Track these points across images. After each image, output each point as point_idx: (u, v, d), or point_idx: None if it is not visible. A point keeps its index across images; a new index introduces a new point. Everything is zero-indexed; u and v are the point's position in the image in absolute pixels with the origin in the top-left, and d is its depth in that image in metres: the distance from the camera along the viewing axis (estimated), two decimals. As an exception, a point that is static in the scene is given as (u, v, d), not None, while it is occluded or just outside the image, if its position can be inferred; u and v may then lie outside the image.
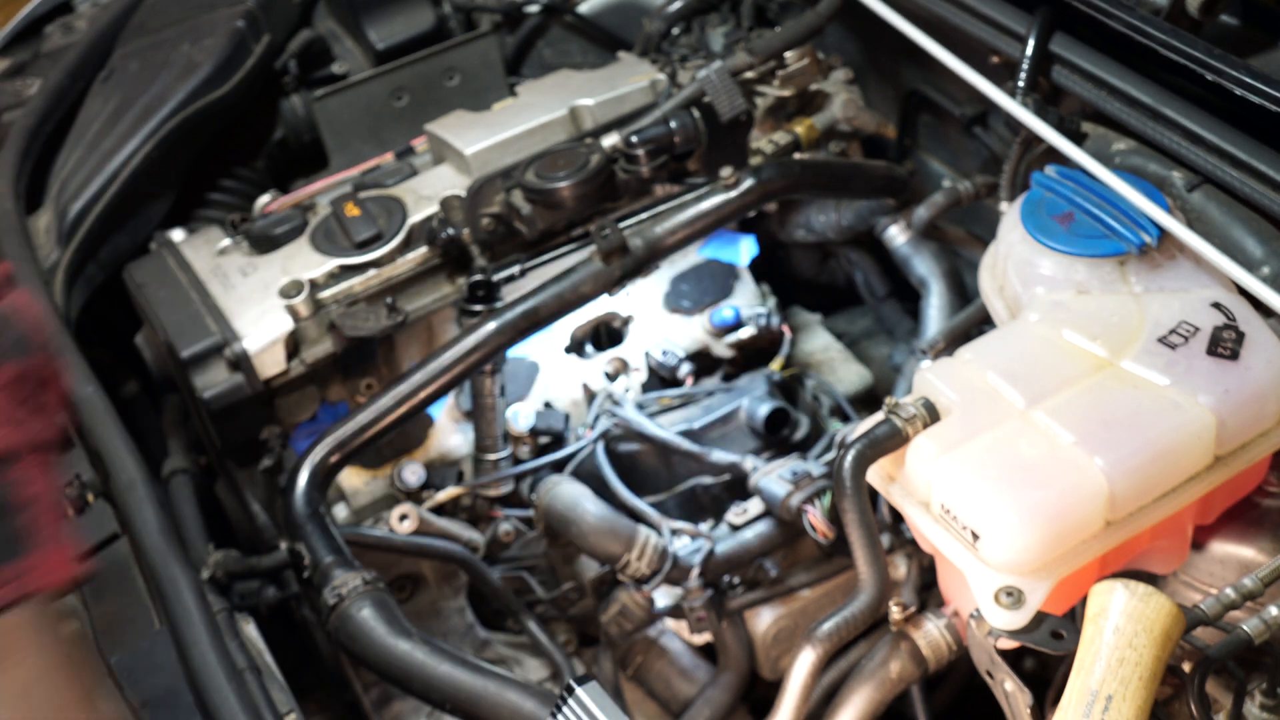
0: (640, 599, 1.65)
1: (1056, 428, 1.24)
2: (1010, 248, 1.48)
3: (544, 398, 1.89)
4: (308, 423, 1.84)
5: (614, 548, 1.58)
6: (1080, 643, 1.09)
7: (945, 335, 1.74)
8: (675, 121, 1.81)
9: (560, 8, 2.41)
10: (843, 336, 2.14)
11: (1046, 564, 1.20)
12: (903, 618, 1.39)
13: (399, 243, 1.78)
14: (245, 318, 1.73)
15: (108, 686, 1.17)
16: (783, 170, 1.73)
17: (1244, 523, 1.33)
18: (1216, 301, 1.34)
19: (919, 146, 2.10)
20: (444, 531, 1.68)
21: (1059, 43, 1.60)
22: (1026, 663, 1.51)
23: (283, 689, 1.46)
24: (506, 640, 1.77)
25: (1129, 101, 1.52)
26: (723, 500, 1.75)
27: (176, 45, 2.16)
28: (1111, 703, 1.03)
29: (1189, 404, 1.24)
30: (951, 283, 1.89)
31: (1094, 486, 1.20)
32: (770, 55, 1.96)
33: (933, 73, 1.97)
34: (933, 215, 1.87)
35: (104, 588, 1.52)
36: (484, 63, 2.23)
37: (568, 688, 1.22)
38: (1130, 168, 1.53)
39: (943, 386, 1.31)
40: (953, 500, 1.24)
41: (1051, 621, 1.18)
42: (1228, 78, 1.39)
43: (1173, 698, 1.24)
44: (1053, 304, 1.39)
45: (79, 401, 1.69)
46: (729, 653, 1.67)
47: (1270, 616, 1.12)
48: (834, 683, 1.53)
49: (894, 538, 1.56)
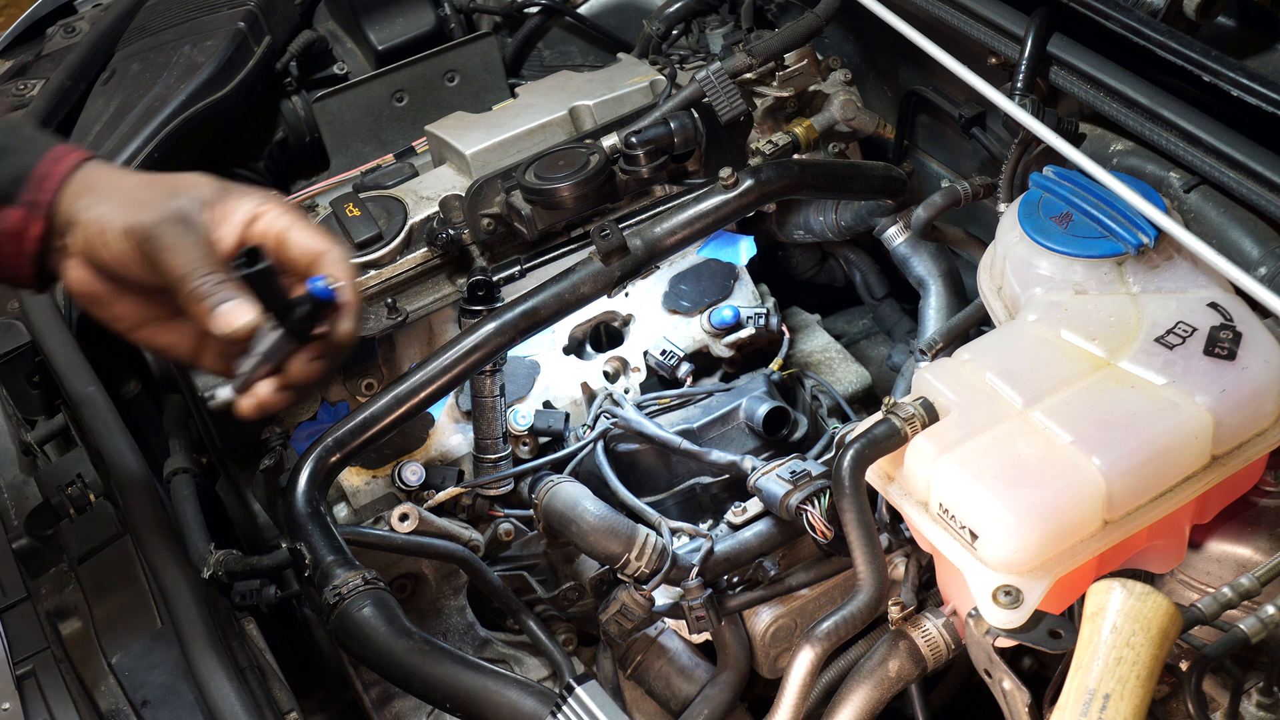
0: (640, 598, 1.65)
1: (1054, 428, 1.25)
2: (1008, 248, 1.48)
3: (544, 398, 1.89)
4: (308, 423, 1.84)
5: (614, 547, 1.58)
6: (1078, 642, 1.09)
7: (944, 335, 1.74)
8: (675, 122, 1.81)
9: (560, 9, 2.42)
10: (841, 337, 2.14)
11: (1044, 563, 1.20)
12: (901, 617, 1.39)
13: (399, 243, 1.79)
14: (246, 318, 1.73)
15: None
16: (781, 171, 1.73)
17: (1241, 522, 1.33)
18: (1214, 302, 1.34)
19: (917, 147, 2.10)
20: (444, 531, 1.68)
21: (1057, 44, 1.60)
22: (1024, 661, 1.51)
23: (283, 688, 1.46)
24: (506, 640, 1.77)
25: (1126, 102, 1.52)
26: (722, 500, 1.75)
27: (178, 46, 2.16)
28: (1109, 701, 1.04)
29: (1186, 404, 1.25)
30: (950, 283, 1.90)
31: (1091, 486, 1.20)
32: (769, 56, 1.96)
33: (931, 74, 1.97)
34: (931, 216, 1.88)
35: (105, 587, 1.53)
36: (484, 64, 2.23)
37: (567, 687, 1.22)
38: (1128, 168, 1.53)
39: (941, 386, 1.32)
40: (951, 500, 1.24)
41: (1049, 620, 1.18)
42: (1225, 79, 1.39)
43: (1170, 696, 1.24)
44: (1050, 304, 1.39)
45: (80, 401, 1.70)
46: (728, 652, 1.67)
47: (1267, 615, 1.12)
48: (833, 681, 1.53)
49: (892, 537, 1.56)
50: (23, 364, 1.84)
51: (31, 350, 1.83)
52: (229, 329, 1.07)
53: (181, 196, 1.11)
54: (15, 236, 1.14)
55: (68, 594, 1.53)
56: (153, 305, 1.16)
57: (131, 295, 1.16)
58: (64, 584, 1.54)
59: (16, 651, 1.42)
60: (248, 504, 1.87)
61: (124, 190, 1.12)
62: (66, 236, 1.14)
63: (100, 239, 1.11)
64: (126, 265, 1.11)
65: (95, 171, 1.15)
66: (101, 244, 1.11)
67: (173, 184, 1.13)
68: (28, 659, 1.42)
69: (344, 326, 1.14)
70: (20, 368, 1.84)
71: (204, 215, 1.11)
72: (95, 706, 1.39)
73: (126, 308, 1.17)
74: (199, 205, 1.11)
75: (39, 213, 1.13)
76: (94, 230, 1.11)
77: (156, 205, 1.09)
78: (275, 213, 1.13)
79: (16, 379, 1.85)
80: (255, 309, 1.09)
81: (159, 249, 1.08)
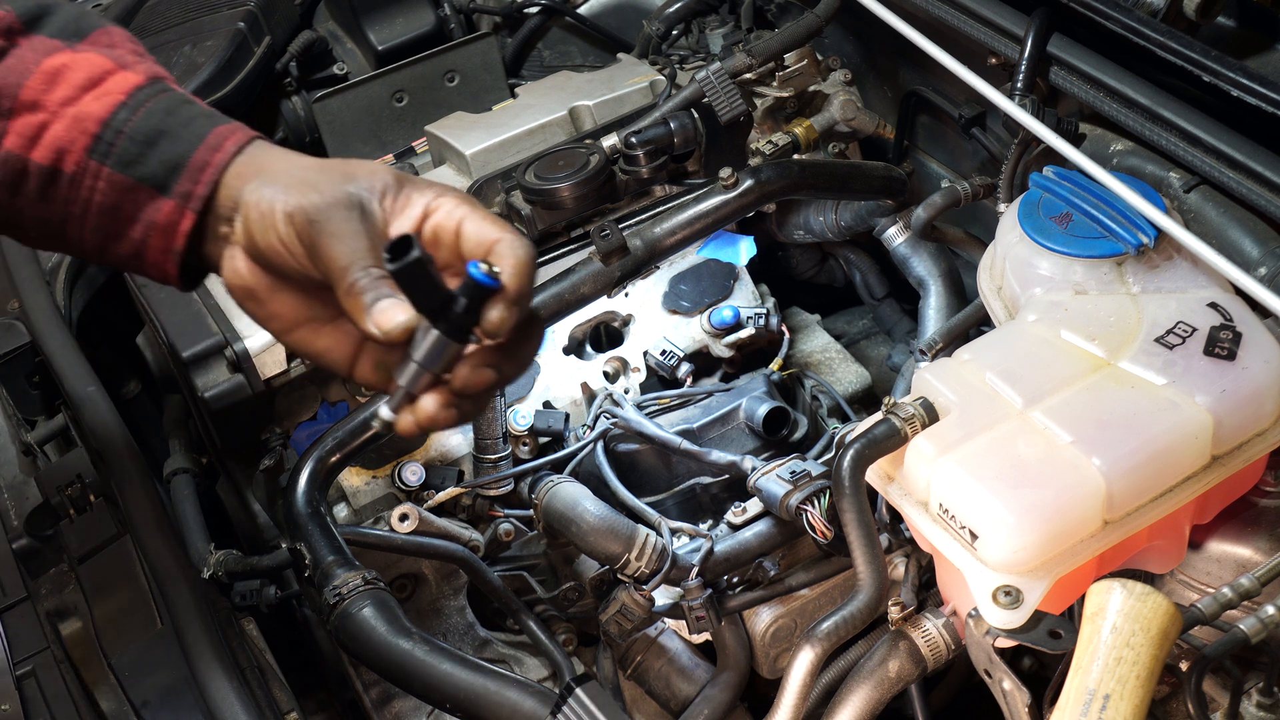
0: (640, 598, 1.65)
1: (1054, 428, 1.25)
2: (1008, 248, 1.48)
3: (544, 398, 1.89)
4: (308, 423, 1.84)
5: (613, 547, 1.58)
6: (1078, 642, 1.09)
7: (944, 335, 1.74)
8: (675, 122, 1.81)
9: (560, 9, 2.42)
10: (841, 337, 2.14)
11: (1044, 563, 1.20)
12: (901, 617, 1.39)
13: (399, 243, 1.79)
14: (246, 318, 1.73)
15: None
16: (781, 171, 1.73)
17: (1241, 522, 1.33)
18: (1213, 302, 1.34)
19: (917, 147, 2.10)
20: (444, 531, 1.68)
21: (1057, 44, 1.60)
22: (1024, 662, 1.51)
23: (283, 688, 1.46)
24: (506, 640, 1.77)
25: (1126, 103, 1.52)
26: (722, 500, 1.75)
27: (178, 47, 2.17)
28: (1109, 702, 1.04)
29: (1186, 404, 1.25)
30: (950, 283, 1.90)
31: (1092, 486, 1.20)
32: (769, 56, 1.96)
33: (931, 74, 1.97)
34: (931, 216, 1.88)
35: (105, 588, 1.53)
36: (484, 64, 2.23)
37: (567, 687, 1.22)
38: (1128, 168, 1.53)
39: (941, 387, 1.32)
40: (951, 500, 1.24)
41: (1049, 621, 1.18)
42: (1225, 79, 1.39)
43: (1170, 697, 1.24)
44: (1050, 304, 1.39)
45: (80, 401, 1.70)
46: (728, 652, 1.67)
47: (1267, 615, 1.12)
48: (833, 682, 1.53)
49: (892, 537, 1.56)
50: (23, 364, 1.84)
51: (31, 350, 1.83)
52: (383, 328, 0.95)
53: (357, 183, 1.00)
54: (165, 231, 1.06)
55: (68, 594, 1.53)
56: (312, 304, 1.06)
57: (290, 291, 1.06)
58: (64, 584, 1.54)
59: (16, 652, 1.42)
60: (248, 504, 1.87)
61: (294, 172, 1.02)
62: (231, 223, 1.05)
63: (262, 223, 1.00)
64: (287, 254, 1.00)
65: (264, 153, 1.06)
66: (263, 229, 1.00)
67: (348, 169, 1.02)
68: (28, 659, 1.42)
69: (493, 314, 0.95)
70: (20, 368, 1.84)
71: (379, 205, 1.01)
72: (95, 707, 1.39)
73: (284, 305, 1.07)
74: (375, 194, 1.01)
75: (193, 206, 1.05)
76: (257, 214, 1.01)
77: (327, 189, 0.99)
78: (451, 204, 1.01)
79: (16, 379, 1.85)
80: (412, 310, 0.96)
81: (323, 235, 0.97)
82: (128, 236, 1.08)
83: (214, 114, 1.09)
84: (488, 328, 0.96)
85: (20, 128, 1.06)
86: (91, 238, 1.09)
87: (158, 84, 1.09)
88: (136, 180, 1.05)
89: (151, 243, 1.07)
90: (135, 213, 1.07)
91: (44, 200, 1.08)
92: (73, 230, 1.09)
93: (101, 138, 1.05)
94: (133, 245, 1.08)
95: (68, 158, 1.06)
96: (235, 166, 1.05)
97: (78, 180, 1.06)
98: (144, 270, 1.11)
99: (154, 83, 1.09)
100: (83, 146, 1.05)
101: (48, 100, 1.06)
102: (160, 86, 1.09)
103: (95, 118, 1.06)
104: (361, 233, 0.98)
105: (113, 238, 1.08)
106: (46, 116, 1.06)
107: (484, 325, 0.96)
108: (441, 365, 0.97)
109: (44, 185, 1.07)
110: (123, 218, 1.07)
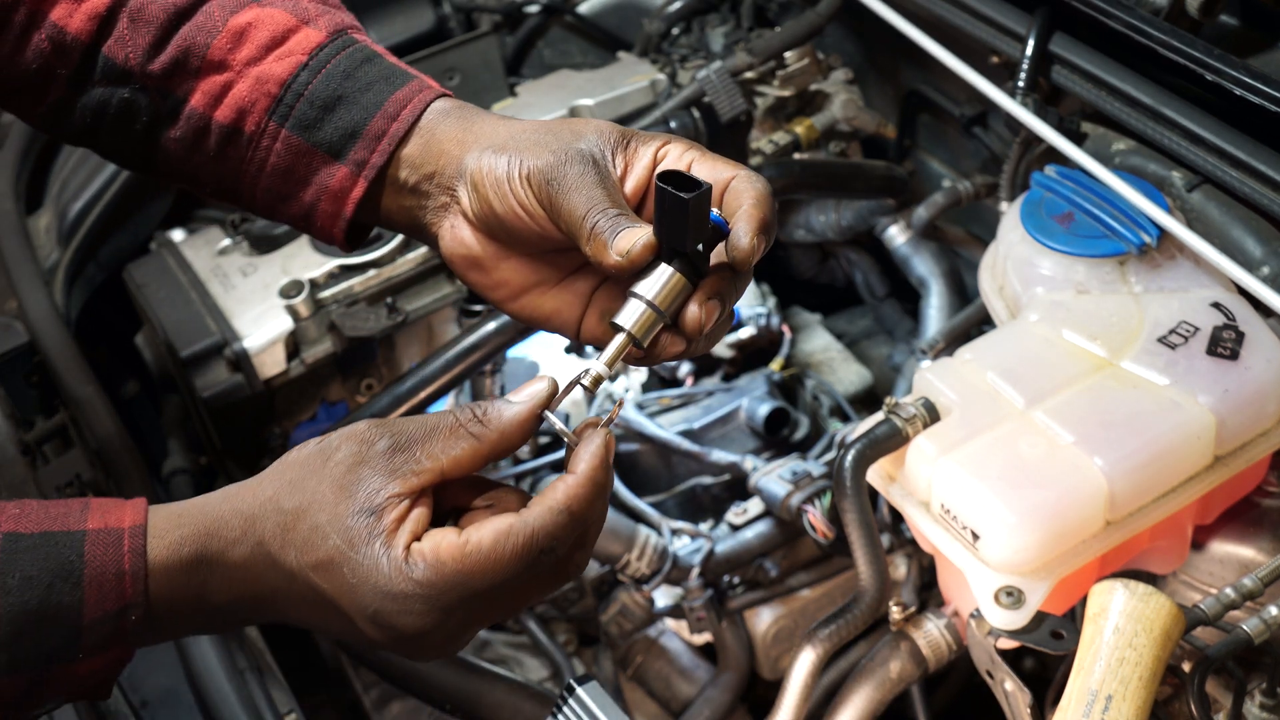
0: (640, 599, 1.65)
1: (1056, 428, 1.24)
2: (1010, 248, 1.48)
3: (544, 398, 1.89)
4: (307, 422, 1.84)
5: (614, 548, 1.58)
6: (1080, 642, 1.09)
7: (945, 335, 1.74)
8: (675, 122, 1.80)
9: (560, 8, 2.41)
10: (842, 336, 2.14)
11: (1046, 564, 1.20)
12: (903, 617, 1.39)
13: (399, 243, 1.78)
14: (245, 318, 1.73)
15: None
16: (782, 170, 1.73)
17: (1244, 522, 1.33)
18: (1216, 301, 1.34)
19: (919, 147, 2.10)
20: (444, 531, 1.68)
21: (1058, 43, 1.60)
22: (1026, 662, 1.51)
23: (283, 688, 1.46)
24: (506, 640, 1.77)
25: (1128, 101, 1.52)
26: (723, 500, 1.75)
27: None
28: (1111, 702, 1.03)
29: (1189, 404, 1.24)
30: (951, 283, 1.89)
31: (1094, 486, 1.20)
32: (770, 55, 1.96)
33: (932, 73, 1.97)
34: (932, 215, 1.87)
35: (104, 588, 1.52)
36: (484, 63, 2.23)
37: (568, 687, 1.22)
38: (1130, 168, 1.53)
39: (942, 386, 1.32)
40: (953, 500, 1.24)
41: (1051, 621, 1.18)
42: (1227, 78, 1.39)
43: (1172, 697, 1.24)
44: (1052, 304, 1.39)
45: (79, 401, 1.69)
46: (729, 652, 1.67)
47: (1270, 616, 1.12)
48: (834, 682, 1.53)
49: (894, 537, 1.56)
50: (21, 364, 1.83)
51: (30, 350, 1.83)
52: (623, 249, 0.96)
53: (585, 139, 1.02)
54: (336, 196, 1.08)
55: (67, 594, 1.52)
56: (539, 268, 1.07)
57: (517, 258, 1.07)
58: (63, 584, 1.54)
59: (15, 652, 1.41)
60: (247, 504, 1.86)
61: (520, 136, 1.04)
62: (453, 193, 1.06)
63: (499, 189, 1.02)
64: (527, 218, 1.02)
65: (461, 117, 1.07)
66: (501, 195, 1.02)
67: (574, 127, 1.04)
68: (26, 660, 1.41)
69: (743, 242, 0.96)
70: (19, 367, 1.84)
71: (610, 157, 1.03)
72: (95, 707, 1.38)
73: (511, 271, 1.07)
74: (606, 148, 1.03)
75: (367, 174, 1.06)
76: (492, 180, 1.02)
77: (558, 148, 1.01)
78: (679, 149, 1.03)
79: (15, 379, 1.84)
80: (651, 235, 0.96)
81: (560, 191, 0.99)
82: (298, 198, 1.10)
83: (394, 74, 1.10)
84: (739, 257, 0.97)
85: (207, 86, 1.08)
86: (264, 197, 1.11)
87: (340, 39, 1.11)
88: (312, 145, 1.08)
89: (322, 206, 1.09)
90: (309, 176, 1.09)
91: (221, 158, 1.10)
92: (246, 188, 1.11)
93: (282, 100, 1.07)
94: (302, 207, 1.10)
95: (248, 118, 1.08)
96: (441, 132, 1.06)
97: (255, 140, 1.08)
98: (310, 230, 1.13)
99: (336, 38, 1.10)
100: (263, 108, 1.07)
101: (233, 60, 1.08)
102: (343, 42, 1.10)
103: (277, 79, 1.07)
104: (597, 183, 1.00)
105: (284, 199, 1.10)
106: (231, 76, 1.08)
107: (734, 255, 0.98)
108: (673, 304, 0.98)
109: (223, 143, 1.09)
110: (295, 179, 1.09)
